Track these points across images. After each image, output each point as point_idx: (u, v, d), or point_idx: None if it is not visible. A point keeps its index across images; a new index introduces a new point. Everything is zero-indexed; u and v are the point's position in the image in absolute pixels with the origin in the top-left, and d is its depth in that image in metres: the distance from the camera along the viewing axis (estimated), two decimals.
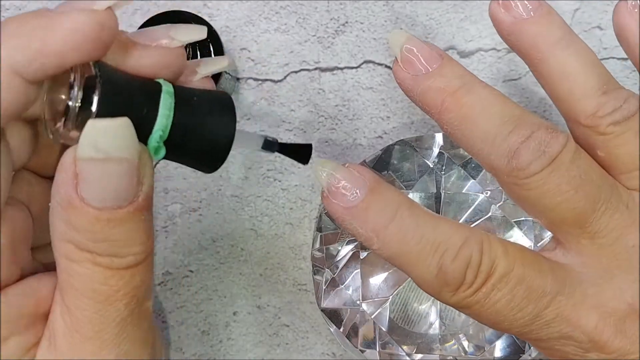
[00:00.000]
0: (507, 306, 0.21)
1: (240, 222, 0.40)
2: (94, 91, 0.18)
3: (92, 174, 0.18)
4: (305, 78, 0.41)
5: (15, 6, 0.42)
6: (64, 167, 0.18)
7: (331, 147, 0.40)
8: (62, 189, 0.18)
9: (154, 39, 0.21)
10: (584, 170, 0.21)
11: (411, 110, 0.40)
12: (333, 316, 0.36)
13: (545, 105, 0.40)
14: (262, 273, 0.40)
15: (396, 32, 0.23)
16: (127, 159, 0.18)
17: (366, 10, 0.41)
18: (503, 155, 0.21)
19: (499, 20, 0.23)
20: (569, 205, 0.21)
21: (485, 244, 0.21)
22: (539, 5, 0.23)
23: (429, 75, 0.22)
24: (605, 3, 0.41)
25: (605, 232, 0.21)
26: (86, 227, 0.18)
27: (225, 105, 0.22)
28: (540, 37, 0.23)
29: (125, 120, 0.18)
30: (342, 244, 0.36)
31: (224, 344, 0.40)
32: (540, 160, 0.21)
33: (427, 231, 0.21)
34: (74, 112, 0.18)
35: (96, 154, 0.18)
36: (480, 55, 0.40)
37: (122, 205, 0.18)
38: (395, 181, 0.36)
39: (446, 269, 0.21)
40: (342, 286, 0.36)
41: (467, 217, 0.35)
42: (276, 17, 0.41)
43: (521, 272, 0.21)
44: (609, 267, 0.21)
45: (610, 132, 0.22)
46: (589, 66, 0.22)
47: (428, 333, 0.35)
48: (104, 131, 0.18)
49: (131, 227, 0.19)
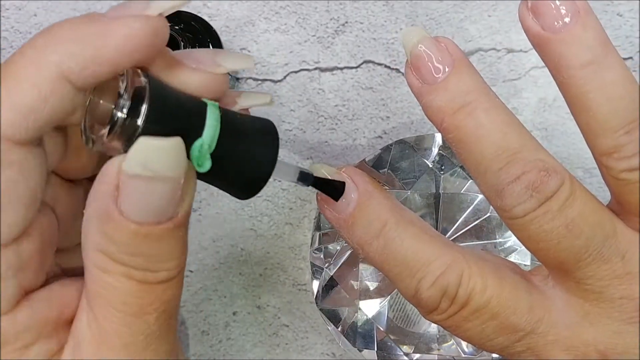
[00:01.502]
0: (477, 335, 0.21)
1: (240, 222, 0.40)
2: (142, 103, 0.18)
3: (136, 190, 0.17)
4: (305, 78, 0.41)
5: (15, 6, 0.42)
6: (106, 179, 0.18)
7: (331, 147, 0.40)
8: (101, 200, 0.18)
9: (199, 62, 0.20)
10: (572, 219, 0.20)
11: (411, 110, 0.40)
12: (331, 315, 0.36)
13: (545, 106, 0.40)
14: (262, 273, 0.40)
15: (409, 30, 0.21)
16: (174, 178, 0.18)
17: (366, 10, 0.41)
18: (492, 190, 0.21)
19: (527, 26, 0.21)
20: (549, 254, 0.21)
21: (465, 275, 0.21)
22: (574, 14, 0.20)
23: (431, 90, 0.21)
24: (605, 3, 0.41)
25: (592, 281, 0.21)
26: (123, 240, 0.18)
27: (270, 133, 0.21)
28: (565, 58, 0.20)
29: (178, 140, 0.17)
30: (341, 243, 0.36)
31: (223, 344, 0.40)
32: (524, 205, 0.20)
33: (409, 254, 0.21)
34: (120, 123, 0.18)
35: (144, 172, 0.17)
36: (480, 55, 0.40)
37: (161, 221, 0.18)
38: (395, 180, 0.36)
39: (421, 295, 0.21)
40: (340, 285, 0.36)
41: (466, 217, 0.35)
42: (276, 17, 0.41)
43: (496, 308, 0.21)
44: (590, 313, 0.21)
45: (623, 178, 0.20)
46: (616, 100, 0.20)
47: (426, 333, 0.35)
48: (156, 151, 0.17)
49: (168, 243, 0.19)
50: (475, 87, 0.21)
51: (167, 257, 0.19)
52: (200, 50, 0.21)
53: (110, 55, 0.18)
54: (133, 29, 0.18)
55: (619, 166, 0.20)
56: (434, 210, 0.35)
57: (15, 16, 0.42)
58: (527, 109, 0.40)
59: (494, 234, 0.35)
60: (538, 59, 0.43)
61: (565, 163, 0.40)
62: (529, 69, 0.40)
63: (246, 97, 0.23)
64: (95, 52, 0.18)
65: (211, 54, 0.21)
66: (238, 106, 0.23)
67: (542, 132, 0.40)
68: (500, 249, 0.35)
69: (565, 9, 0.20)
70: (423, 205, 0.36)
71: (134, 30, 0.18)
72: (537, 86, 0.40)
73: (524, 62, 0.40)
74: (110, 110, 0.18)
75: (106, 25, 0.18)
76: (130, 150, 0.17)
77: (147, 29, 0.18)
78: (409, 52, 0.21)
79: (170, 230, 0.18)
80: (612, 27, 0.40)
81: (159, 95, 0.18)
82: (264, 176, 0.21)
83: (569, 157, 0.40)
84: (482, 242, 0.35)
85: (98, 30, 0.18)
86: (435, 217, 0.35)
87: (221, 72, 0.21)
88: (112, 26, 0.18)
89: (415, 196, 0.36)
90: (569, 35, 0.20)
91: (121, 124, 0.18)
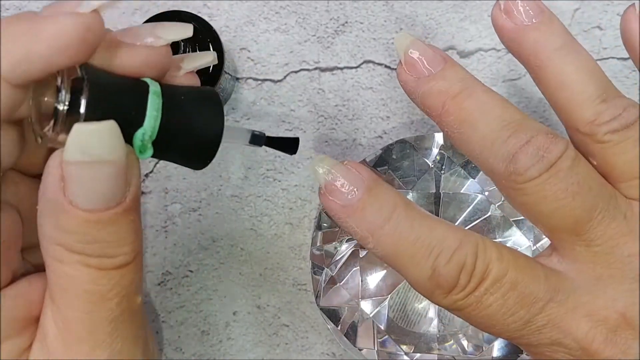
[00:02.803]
0: (499, 310, 0.21)
1: (240, 222, 0.40)
2: (82, 94, 0.18)
3: (80, 177, 0.18)
4: (305, 78, 0.41)
5: (15, 6, 0.42)
6: (50, 171, 0.18)
7: (331, 147, 0.40)
8: (49, 192, 0.18)
9: (139, 38, 0.21)
10: (582, 177, 0.21)
11: (411, 110, 0.40)
12: (331, 314, 0.36)
13: (545, 106, 0.40)
14: (262, 273, 0.40)
15: (401, 35, 0.23)
16: (114, 161, 0.18)
17: (366, 10, 0.41)
18: (501, 159, 0.21)
19: (500, 25, 0.23)
20: (565, 212, 0.21)
21: (480, 247, 0.21)
22: (541, 12, 0.23)
23: (431, 78, 0.22)
24: (605, 3, 0.41)
25: (601, 241, 0.21)
26: (75, 229, 0.18)
27: (213, 102, 0.22)
28: (540, 44, 0.23)
29: (112, 123, 0.18)
30: (341, 242, 0.36)
31: (223, 344, 0.40)
32: (538, 165, 0.21)
33: (423, 233, 0.21)
34: (62, 116, 0.18)
35: (83, 157, 0.18)
36: (480, 55, 0.40)
37: (110, 206, 0.19)
38: (395, 180, 0.36)
39: (439, 272, 0.21)
40: (341, 284, 0.36)
41: (466, 217, 0.35)
42: (276, 17, 0.41)
43: (514, 277, 0.21)
44: (603, 275, 0.21)
45: (608, 141, 0.21)
46: (588, 74, 0.22)
47: (427, 332, 0.35)
48: (91, 134, 0.18)
49: (120, 227, 0.19)
50: (469, 75, 0.23)
51: (121, 242, 0.19)
52: (139, 26, 0.22)
53: (42, 53, 0.18)
54: (64, 25, 0.18)
55: (602, 130, 0.21)
56: (434, 209, 0.35)
57: None
58: (527, 109, 0.40)
59: (494, 233, 0.35)
60: None
61: None
62: None
63: (190, 60, 0.23)
64: (25, 51, 0.18)
65: (150, 28, 0.21)
66: (183, 70, 0.23)
67: None
68: None
69: (531, 9, 0.23)
70: (423, 204, 0.36)
71: (65, 27, 0.18)
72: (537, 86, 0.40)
73: None
74: (53, 105, 0.19)
75: (37, 24, 0.18)
76: (68, 138, 0.18)
77: (77, 26, 0.18)
78: (404, 52, 0.23)
79: (121, 215, 0.19)
80: (612, 27, 0.40)
81: (98, 84, 0.19)
82: (214, 143, 0.22)
83: None
84: None
85: (29, 29, 0.18)
86: None
87: (161, 44, 0.21)
88: (43, 24, 0.18)
89: (415, 195, 0.36)
90: (543, 24, 0.23)
91: (63, 117, 0.18)
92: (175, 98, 0.21)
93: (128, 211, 0.19)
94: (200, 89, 0.22)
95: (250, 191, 0.40)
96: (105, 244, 0.19)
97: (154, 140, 0.20)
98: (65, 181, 0.18)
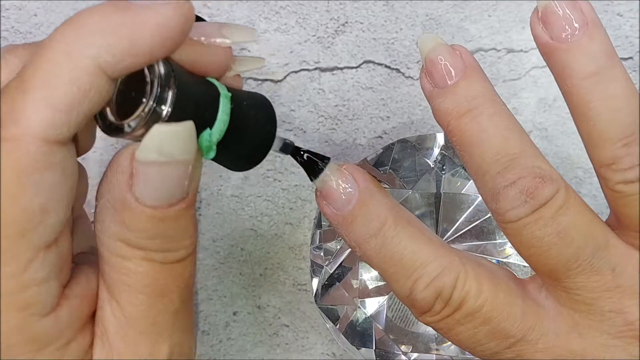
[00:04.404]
0: (468, 339, 0.21)
1: (240, 222, 0.40)
2: (168, 92, 0.18)
3: (151, 176, 0.18)
4: (305, 78, 0.41)
5: (15, 6, 0.42)
6: (119, 169, 0.18)
7: (331, 147, 0.40)
8: (116, 190, 0.18)
9: (205, 36, 0.21)
10: (564, 227, 0.20)
11: (411, 110, 0.40)
12: (330, 313, 0.36)
13: (545, 106, 0.40)
14: (262, 273, 0.40)
15: (425, 37, 0.22)
16: (186, 161, 0.18)
17: (366, 10, 0.41)
18: (487, 193, 0.21)
19: (536, 35, 0.21)
20: (540, 261, 0.21)
21: (461, 279, 0.21)
22: (582, 25, 0.20)
23: (440, 94, 0.22)
24: (605, 3, 0.41)
25: (581, 292, 0.21)
26: (141, 226, 0.18)
27: (267, 108, 0.22)
28: (570, 70, 0.21)
29: (191, 125, 0.18)
30: (341, 241, 0.36)
31: (224, 344, 0.40)
32: (519, 209, 0.20)
33: (406, 255, 0.21)
34: (149, 111, 0.18)
35: (159, 158, 0.17)
36: (480, 55, 0.40)
37: (173, 202, 0.19)
38: (396, 180, 0.36)
39: (415, 295, 0.21)
40: (340, 283, 0.36)
41: (467, 218, 0.35)
42: (276, 17, 0.41)
43: (489, 313, 0.21)
44: (580, 324, 0.21)
45: (620, 191, 0.21)
46: (615, 110, 0.20)
47: (425, 333, 0.35)
48: (171, 136, 0.17)
49: (182, 222, 0.19)
50: (483, 93, 0.21)
51: (183, 236, 0.20)
52: (206, 23, 0.21)
53: (147, 46, 0.17)
54: (166, 17, 0.18)
55: (615, 178, 0.20)
56: (434, 210, 0.35)
57: (15, 16, 0.42)
58: (527, 109, 0.40)
59: (494, 234, 0.35)
60: (538, 59, 0.43)
61: (566, 163, 0.40)
62: (529, 69, 0.40)
63: (240, 63, 0.23)
64: (130, 44, 0.17)
65: (217, 27, 0.21)
66: (233, 72, 0.23)
67: (542, 132, 0.40)
68: (500, 249, 0.35)
69: (574, 20, 0.20)
70: (424, 204, 0.36)
71: (167, 19, 0.18)
72: (537, 86, 0.40)
73: (524, 62, 0.40)
74: (136, 98, 0.18)
75: (139, 15, 0.17)
76: (146, 137, 0.17)
77: (178, 16, 0.18)
78: (424, 57, 0.22)
79: (183, 211, 0.19)
80: (612, 27, 0.40)
81: (182, 83, 0.19)
82: (265, 150, 0.23)
83: (569, 157, 0.40)
84: (482, 242, 0.35)
85: (131, 20, 0.17)
86: (435, 217, 0.35)
87: (227, 45, 0.21)
88: (144, 15, 0.17)
89: (416, 195, 0.36)
90: (575, 45, 0.20)
91: (151, 113, 0.18)
92: (240, 104, 0.21)
93: (190, 207, 0.19)
94: (257, 96, 0.23)
95: (250, 191, 0.40)
96: (168, 239, 0.19)
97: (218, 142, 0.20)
98: (134, 178, 0.18)
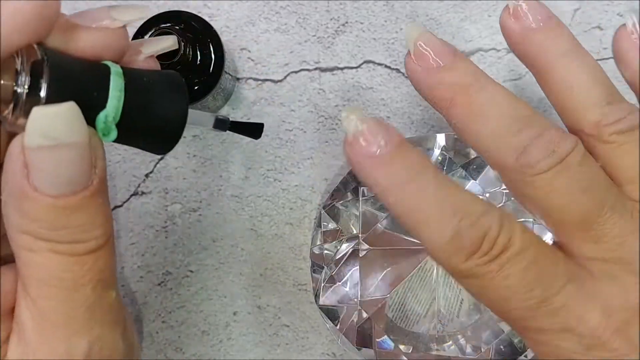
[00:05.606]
0: (518, 283, 0.20)
1: (240, 222, 0.40)
2: (42, 76, 0.18)
3: (43, 162, 0.17)
4: (305, 78, 0.41)
5: None
6: (12, 158, 0.18)
7: (331, 147, 0.40)
8: (12, 180, 0.18)
9: (94, 20, 0.21)
10: (591, 173, 0.21)
11: (411, 110, 0.40)
12: (331, 313, 0.36)
13: (545, 106, 0.40)
14: (262, 273, 0.40)
15: (411, 25, 0.23)
16: (76, 143, 0.18)
17: (366, 10, 0.41)
18: (512, 151, 0.21)
19: (508, 28, 0.23)
20: (575, 207, 0.21)
21: (505, 220, 0.21)
22: (548, 17, 0.23)
23: (441, 69, 0.22)
24: (605, 3, 0.41)
25: (609, 238, 0.21)
26: (42, 216, 0.18)
27: (176, 84, 0.22)
28: (547, 47, 0.23)
29: (72, 104, 0.17)
30: (341, 241, 0.36)
31: (224, 344, 0.40)
32: (550, 159, 0.21)
33: (449, 195, 0.21)
34: (22, 99, 0.18)
35: (44, 142, 0.17)
36: (480, 55, 0.40)
37: (76, 191, 0.18)
38: None
39: (462, 234, 0.20)
40: (340, 283, 0.36)
41: None
42: (276, 17, 0.41)
43: (536, 253, 0.21)
44: (613, 269, 0.21)
45: (613, 141, 0.22)
46: (594, 79, 0.23)
47: (425, 333, 0.35)
48: (51, 117, 0.17)
49: (89, 211, 0.19)
50: (479, 69, 0.23)
51: (91, 226, 0.19)
52: (94, 9, 0.21)
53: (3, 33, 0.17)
54: (18, 3, 0.17)
55: (608, 130, 0.22)
56: None
57: None
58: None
59: None
60: None
61: None
62: None
63: (149, 45, 0.23)
64: None
65: (105, 11, 0.21)
66: (143, 55, 0.22)
67: None
68: None
69: (539, 13, 0.23)
70: None
71: (21, 3, 0.17)
72: (537, 86, 0.40)
73: None
74: (12, 88, 0.18)
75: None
76: (28, 122, 0.17)
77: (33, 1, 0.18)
78: (412, 43, 0.23)
79: (88, 199, 0.18)
80: (612, 27, 0.40)
81: (58, 66, 0.18)
82: (178, 126, 0.22)
83: None
84: None
85: None
86: None
87: (117, 26, 0.21)
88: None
89: None
90: (550, 29, 0.23)
91: (23, 100, 0.18)
92: (137, 80, 0.20)
93: (95, 194, 0.19)
94: (164, 72, 0.22)
95: (250, 191, 0.40)
96: (75, 230, 0.19)
97: (117, 122, 0.19)
98: (28, 167, 0.18)
